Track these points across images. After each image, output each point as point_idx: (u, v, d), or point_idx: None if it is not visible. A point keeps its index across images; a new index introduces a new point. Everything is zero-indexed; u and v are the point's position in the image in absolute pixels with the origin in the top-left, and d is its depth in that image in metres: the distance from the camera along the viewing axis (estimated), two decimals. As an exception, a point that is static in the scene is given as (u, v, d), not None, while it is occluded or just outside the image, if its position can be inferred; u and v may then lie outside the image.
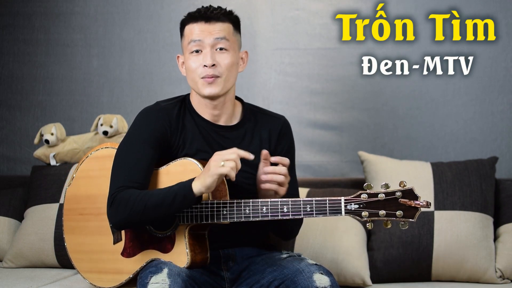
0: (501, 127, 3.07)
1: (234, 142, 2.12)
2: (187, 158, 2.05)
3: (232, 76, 2.11)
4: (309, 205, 1.92)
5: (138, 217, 1.97)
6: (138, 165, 2.03)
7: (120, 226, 2.04)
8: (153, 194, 1.97)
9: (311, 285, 1.89)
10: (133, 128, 2.11)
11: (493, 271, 2.54)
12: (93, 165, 2.22)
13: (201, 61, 2.07)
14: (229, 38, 2.09)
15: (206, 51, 2.07)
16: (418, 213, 1.89)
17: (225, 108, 2.14)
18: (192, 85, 2.12)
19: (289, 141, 2.21)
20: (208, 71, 2.06)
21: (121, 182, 2.02)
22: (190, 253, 2.00)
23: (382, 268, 2.59)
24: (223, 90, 2.09)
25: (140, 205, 1.96)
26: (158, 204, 1.95)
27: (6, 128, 3.50)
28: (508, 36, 3.06)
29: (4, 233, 2.95)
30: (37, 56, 3.46)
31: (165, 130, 2.09)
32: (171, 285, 1.87)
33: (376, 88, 3.16)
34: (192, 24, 2.10)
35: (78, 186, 2.24)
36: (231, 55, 2.09)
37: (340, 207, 1.90)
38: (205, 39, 2.06)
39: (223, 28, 2.08)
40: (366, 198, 1.89)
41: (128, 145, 2.08)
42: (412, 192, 1.89)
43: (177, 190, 1.95)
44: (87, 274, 2.20)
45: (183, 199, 1.93)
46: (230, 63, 2.09)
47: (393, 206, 1.88)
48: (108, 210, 2.02)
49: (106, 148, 2.22)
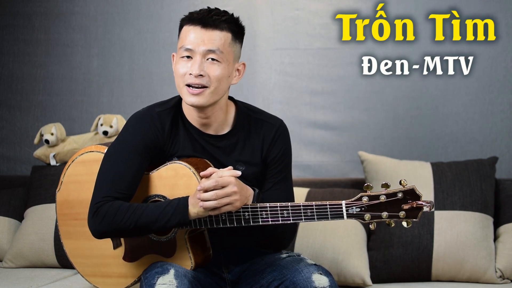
0: (501, 127, 3.06)
1: (225, 152, 2.06)
2: (178, 162, 2.00)
3: (222, 89, 1.99)
4: (309, 209, 1.89)
5: (125, 232, 1.95)
6: (125, 175, 1.97)
7: (101, 236, 1.99)
8: (145, 213, 1.92)
9: (310, 285, 1.88)
10: (124, 133, 2.04)
11: (493, 271, 2.54)
12: (80, 170, 2.18)
13: (189, 68, 1.96)
14: (223, 50, 1.97)
15: (195, 59, 1.95)
16: (421, 213, 1.85)
17: (214, 117, 2.04)
18: (178, 90, 2.03)
19: (283, 147, 2.09)
20: (193, 79, 1.96)
21: (106, 192, 1.96)
22: (193, 256, 2.00)
23: (382, 268, 2.59)
24: (209, 101, 1.98)
25: (129, 221, 1.92)
26: (149, 224, 1.92)
27: (6, 128, 3.50)
28: (508, 36, 3.05)
29: (4, 233, 2.95)
30: (37, 56, 3.47)
31: (157, 138, 2.02)
32: (178, 286, 1.86)
33: (376, 88, 3.16)
34: (189, 26, 1.98)
35: (68, 191, 2.21)
36: (223, 67, 1.97)
37: (342, 211, 1.87)
38: (196, 48, 1.96)
39: (218, 38, 1.96)
40: (367, 201, 1.86)
41: (117, 152, 2.01)
42: (413, 192, 1.84)
43: (172, 214, 1.91)
44: (91, 278, 2.19)
45: (177, 224, 1.92)
46: (220, 75, 1.97)
47: (395, 207, 1.85)
48: (90, 219, 1.97)
49: (91, 152, 2.16)
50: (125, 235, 2.00)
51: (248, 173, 2.06)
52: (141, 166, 2.00)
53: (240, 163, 2.05)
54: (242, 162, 2.05)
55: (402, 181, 1.85)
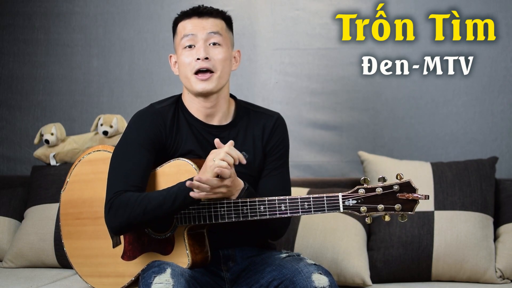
0: (501, 127, 3.06)
1: (227, 142, 2.10)
2: (180, 158, 2.04)
3: (226, 72, 2.10)
4: (306, 202, 1.92)
5: (138, 219, 1.96)
6: (135, 169, 2.01)
7: (119, 230, 2.02)
8: (152, 197, 1.96)
9: (310, 285, 1.89)
10: (128, 131, 2.10)
11: (493, 271, 2.54)
12: (86, 169, 2.21)
13: (194, 55, 2.06)
14: (222, 34, 2.09)
15: (199, 45, 2.06)
16: (416, 206, 1.88)
17: (219, 106, 2.12)
18: (185, 82, 2.10)
19: (281, 136, 2.17)
20: (201, 64, 2.05)
21: (118, 187, 2.00)
22: (191, 254, 2.00)
23: (382, 268, 2.59)
24: (217, 87, 2.07)
25: (139, 208, 1.95)
26: (158, 207, 1.94)
27: (6, 128, 3.50)
28: (508, 36, 3.05)
29: (4, 233, 2.95)
30: (37, 56, 3.47)
31: (160, 133, 2.08)
32: (175, 285, 1.86)
33: (376, 88, 3.16)
34: (185, 20, 2.10)
35: (72, 190, 2.23)
36: (225, 50, 2.08)
37: (338, 203, 1.90)
38: (198, 33, 2.06)
39: (216, 24, 2.09)
40: (363, 193, 1.89)
41: (124, 149, 2.06)
42: (409, 185, 1.88)
43: (177, 191, 1.94)
44: (88, 279, 2.19)
45: (183, 200, 1.93)
46: (224, 58, 2.07)
47: (391, 200, 1.88)
48: (106, 216, 2.01)
49: (98, 151, 2.20)
50: (138, 224, 2.00)
51: (255, 163, 2.12)
52: (149, 160, 2.05)
53: (243, 153, 2.08)
54: (245, 152, 2.09)
55: (399, 174, 1.89)
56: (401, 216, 1.89)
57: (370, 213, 1.89)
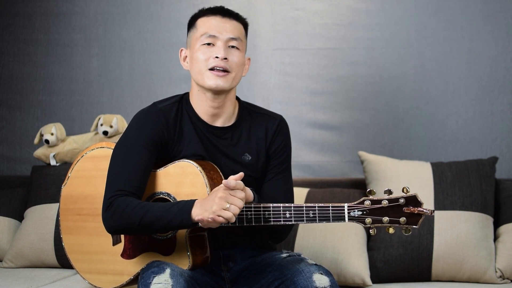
0: (501, 127, 3.07)
1: (231, 143, 2.11)
2: (185, 160, 2.03)
3: (239, 76, 2.12)
4: (312, 211, 1.91)
5: (133, 228, 1.96)
6: (136, 169, 2.01)
7: (114, 232, 2.02)
8: (151, 210, 1.94)
9: (311, 285, 1.89)
10: (130, 130, 2.09)
11: (493, 271, 2.54)
12: (88, 165, 2.21)
13: (213, 53, 2.06)
14: (242, 39, 2.12)
15: (219, 45, 2.07)
16: (421, 220, 1.89)
17: (225, 108, 2.13)
18: (197, 76, 2.10)
19: (284, 139, 2.18)
20: (219, 62, 2.06)
21: (118, 186, 2.00)
22: (192, 256, 2.00)
23: (382, 268, 2.59)
24: (230, 86, 2.08)
25: (136, 217, 1.94)
26: (153, 221, 1.93)
27: (6, 128, 3.50)
28: (508, 36, 3.05)
29: (4, 233, 2.95)
30: (37, 56, 3.47)
31: (162, 133, 2.08)
32: (174, 286, 1.86)
33: (376, 88, 3.16)
34: (208, 16, 2.10)
35: (73, 186, 2.23)
36: (241, 55, 2.11)
37: (344, 214, 1.90)
38: (220, 35, 2.07)
39: (238, 28, 2.11)
40: (369, 205, 1.89)
41: (125, 148, 2.06)
42: (415, 199, 1.89)
43: (176, 213, 1.92)
44: (86, 275, 2.19)
45: (179, 224, 1.92)
46: (239, 62, 2.10)
47: (396, 212, 1.89)
48: (104, 214, 2.00)
49: (101, 148, 2.20)
50: (133, 231, 2.00)
51: (258, 164, 2.12)
52: (150, 160, 2.04)
53: (246, 154, 2.08)
54: (248, 153, 2.08)
55: (405, 188, 1.90)
56: (405, 229, 1.89)
57: (375, 225, 1.90)
